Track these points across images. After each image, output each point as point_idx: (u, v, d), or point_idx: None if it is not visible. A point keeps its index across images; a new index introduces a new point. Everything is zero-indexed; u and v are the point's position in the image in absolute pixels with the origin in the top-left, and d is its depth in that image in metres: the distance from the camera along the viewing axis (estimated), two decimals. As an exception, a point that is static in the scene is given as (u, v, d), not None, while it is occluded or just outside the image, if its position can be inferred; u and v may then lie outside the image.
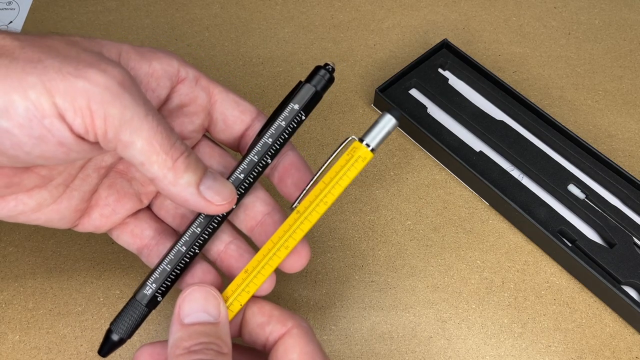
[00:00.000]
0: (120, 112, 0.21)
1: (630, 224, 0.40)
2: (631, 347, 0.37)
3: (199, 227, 0.27)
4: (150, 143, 0.22)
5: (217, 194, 0.24)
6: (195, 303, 0.25)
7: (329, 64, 0.27)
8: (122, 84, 0.21)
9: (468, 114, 0.45)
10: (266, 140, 0.27)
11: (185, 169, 0.23)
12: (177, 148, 0.23)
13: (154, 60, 0.25)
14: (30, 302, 0.37)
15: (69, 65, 0.20)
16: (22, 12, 0.53)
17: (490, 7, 0.55)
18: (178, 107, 0.27)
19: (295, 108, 0.27)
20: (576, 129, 0.46)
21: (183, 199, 0.24)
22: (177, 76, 0.26)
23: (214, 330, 0.25)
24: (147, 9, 0.53)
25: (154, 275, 0.27)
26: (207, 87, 0.27)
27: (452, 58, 0.48)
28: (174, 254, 0.27)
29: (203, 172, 0.24)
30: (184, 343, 0.24)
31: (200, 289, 0.26)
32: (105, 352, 0.27)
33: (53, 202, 0.26)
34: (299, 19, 0.53)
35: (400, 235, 0.41)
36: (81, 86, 0.20)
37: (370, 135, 0.26)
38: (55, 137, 0.21)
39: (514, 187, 0.42)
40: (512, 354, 0.36)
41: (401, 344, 0.36)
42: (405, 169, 0.44)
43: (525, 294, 0.38)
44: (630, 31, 0.53)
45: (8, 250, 0.39)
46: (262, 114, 0.29)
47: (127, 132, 0.21)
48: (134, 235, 0.29)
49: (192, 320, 0.25)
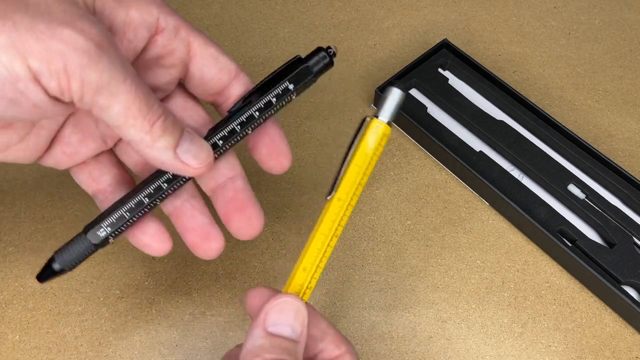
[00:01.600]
0: (98, 76, 0.20)
1: (630, 224, 0.40)
2: (631, 347, 0.37)
3: (166, 183, 0.26)
4: (128, 107, 0.21)
5: (194, 157, 0.24)
6: (285, 316, 0.25)
7: (330, 48, 0.27)
8: (100, 45, 0.20)
9: (468, 114, 0.45)
10: (253, 113, 0.26)
11: (162, 132, 0.23)
12: (154, 111, 0.22)
13: (131, 8, 0.24)
14: (30, 302, 0.37)
15: (41, 22, 0.19)
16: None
17: (490, 7, 0.55)
18: (154, 58, 0.26)
19: (289, 88, 0.26)
20: (576, 129, 0.46)
21: (160, 162, 0.24)
22: (155, 26, 0.25)
23: (294, 349, 0.24)
24: (147, 9, 0.53)
25: (110, 218, 0.26)
26: (187, 38, 0.26)
27: (452, 58, 0.48)
28: (134, 203, 0.26)
29: (180, 135, 0.24)
30: (265, 354, 0.23)
31: (294, 302, 0.25)
32: (43, 279, 0.27)
33: (20, 141, 0.25)
34: (299, 19, 0.53)
35: (400, 235, 0.41)
36: (57, 48, 0.19)
37: (383, 111, 0.26)
38: (30, 100, 0.20)
39: (514, 187, 0.42)
40: (512, 354, 0.36)
41: (401, 344, 0.36)
42: (405, 169, 0.44)
43: (525, 294, 0.38)
44: (630, 31, 0.53)
45: (8, 250, 0.39)
46: (242, 73, 0.28)
47: (103, 97, 0.21)
48: (91, 177, 0.29)
49: (277, 331, 0.24)
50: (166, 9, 0.25)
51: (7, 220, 0.40)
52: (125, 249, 0.39)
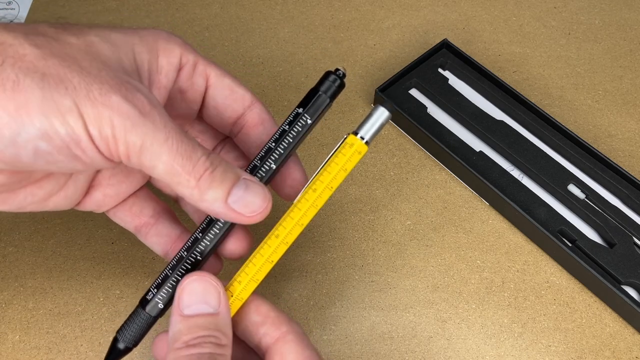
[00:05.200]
0: (140, 140, 0.21)
1: (630, 224, 0.40)
2: (631, 347, 0.37)
3: (201, 233, 0.26)
4: (171, 166, 0.22)
5: (245, 205, 0.24)
6: (195, 294, 0.25)
7: (339, 69, 0.27)
8: (142, 111, 0.22)
9: (468, 114, 0.45)
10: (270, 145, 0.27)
11: (209, 185, 0.23)
12: (200, 165, 0.23)
13: (160, 55, 0.26)
14: (30, 302, 0.37)
15: (94, 88, 0.21)
16: (22, 12, 0.53)
17: (490, 7, 0.55)
18: (178, 92, 0.28)
19: (299, 112, 0.27)
20: (576, 129, 0.46)
21: (213, 213, 0.24)
22: (179, 64, 0.27)
23: (214, 322, 0.25)
24: (147, 8, 0.53)
25: (156, 281, 0.27)
26: (204, 71, 0.27)
27: (452, 58, 0.48)
28: (176, 260, 0.26)
29: (232, 184, 0.24)
30: (183, 337, 0.24)
31: (199, 279, 0.25)
32: None
33: (60, 189, 0.26)
34: (299, 19, 0.53)
35: (400, 235, 0.41)
36: (107, 114, 0.21)
37: (363, 128, 0.26)
38: (88, 158, 0.22)
39: (514, 187, 0.42)
40: (512, 354, 0.36)
41: (401, 344, 0.36)
42: (405, 169, 0.44)
43: (525, 294, 0.38)
44: (630, 31, 0.53)
45: (8, 250, 0.39)
46: (258, 101, 0.29)
47: (147, 158, 0.22)
48: (132, 213, 0.29)
49: (192, 311, 0.25)
50: (185, 46, 0.27)
51: (7, 220, 0.40)
52: (125, 249, 0.39)
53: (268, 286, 0.38)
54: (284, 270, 0.39)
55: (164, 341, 0.27)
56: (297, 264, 0.39)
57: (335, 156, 0.26)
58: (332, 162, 0.26)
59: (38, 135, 0.20)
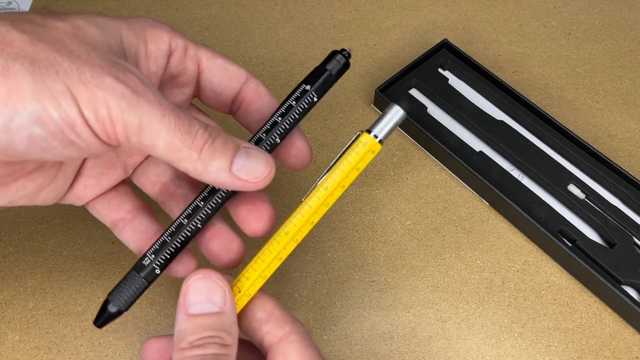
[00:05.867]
0: (138, 119, 0.21)
1: (630, 224, 0.40)
2: (631, 347, 0.37)
3: (202, 201, 0.26)
4: (172, 142, 0.22)
5: (249, 172, 0.24)
6: (200, 292, 0.25)
7: (345, 50, 0.27)
8: (135, 90, 0.22)
9: (468, 114, 0.45)
10: (276, 119, 0.27)
11: (211, 156, 0.23)
12: (199, 138, 0.23)
13: (148, 42, 0.26)
14: (30, 302, 0.37)
15: (85, 71, 0.21)
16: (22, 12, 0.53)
17: (490, 7, 0.55)
18: (169, 78, 0.27)
19: (307, 89, 0.27)
20: (576, 129, 0.46)
21: (220, 184, 0.24)
22: (169, 50, 0.26)
23: (219, 322, 0.24)
24: (147, 8, 0.53)
25: (153, 246, 0.26)
26: (195, 55, 0.27)
27: (452, 58, 0.48)
28: (175, 226, 0.26)
29: (233, 152, 0.24)
30: (188, 337, 0.24)
31: (205, 277, 0.25)
32: (101, 323, 0.27)
33: (51, 182, 0.26)
34: (299, 19, 0.53)
35: (400, 235, 0.41)
36: (101, 96, 0.21)
37: (378, 126, 0.26)
38: (84, 142, 0.21)
39: (514, 187, 0.42)
40: (512, 354, 0.36)
41: (401, 344, 0.36)
42: (405, 169, 0.44)
43: (525, 294, 0.38)
44: (630, 31, 0.53)
45: (8, 250, 0.39)
46: (252, 77, 0.29)
47: (147, 137, 0.22)
48: (110, 206, 0.29)
49: (198, 310, 0.25)
50: (174, 32, 0.27)
51: (7, 221, 0.40)
52: (125, 249, 0.39)
53: (268, 286, 0.38)
54: (284, 270, 0.39)
55: (153, 347, 0.27)
56: (297, 264, 0.39)
57: (348, 154, 0.26)
58: (344, 159, 0.26)
59: (32, 120, 0.20)
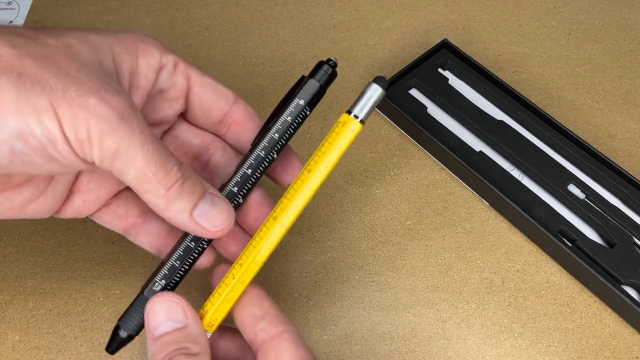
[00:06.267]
0: (116, 144, 0.21)
1: (630, 224, 0.40)
2: (631, 347, 0.37)
3: (193, 242, 0.27)
4: (143, 172, 0.22)
5: (209, 220, 0.24)
6: (159, 315, 0.25)
7: (331, 59, 0.27)
8: (121, 114, 0.21)
9: (468, 114, 0.45)
10: (273, 136, 0.27)
11: (177, 196, 0.23)
12: (172, 175, 0.23)
13: (139, 56, 0.26)
14: (30, 302, 0.37)
15: (71, 89, 0.21)
16: (22, 12, 0.53)
17: (490, 7, 0.55)
18: (158, 92, 0.27)
19: (300, 103, 0.27)
20: (576, 129, 0.46)
21: (176, 224, 0.24)
22: (159, 65, 0.27)
23: (183, 335, 0.25)
24: (147, 8, 0.53)
25: (162, 271, 0.27)
26: (185, 71, 0.28)
27: (452, 58, 0.48)
28: (182, 250, 0.27)
29: (199, 197, 0.24)
30: (156, 357, 0.24)
31: (160, 300, 0.26)
32: (113, 350, 0.27)
33: (39, 195, 0.26)
34: (299, 19, 0.53)
35: (400, 235, 0.41)
36: (83, 116, 0.20)
37: (357, 106, 0.26)
38: (65, 159, 0.21)
39: (514, 187, 0.42)
40: (512, 354, 0.36)
41: (401, 344, 0.36)
42: (405, 169, 0.44)
43: (525, 294, 0.38)
44: (630, 31, 0.53)
45: (8, 250, 0.39)
46: (240, 99, 0.29)
47: (120, 162, 0.22)
48: (118, 215, 0.29)
49: (160, 332, 0.25)
50: (165, 48, 0.27)
51: (7, 221, 0.40)
52: (125, 249, 0.39)
53: (268, 286, 0.38)
54: (284, 270, 0.39)
55: None
56: (297, 264, 0.39)
57: (329, 136, 0.26)
58: (325, 142, 0.26)
59: (13, 136, 0.20)
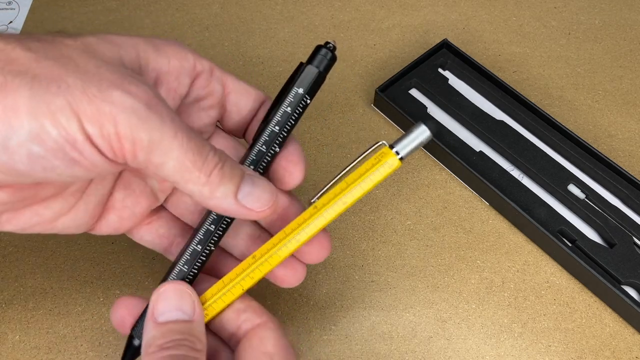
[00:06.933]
0: (148, 136, 0.20)
1: (630, 224, 0.40)
2: (631, 347, 0.37)
3: (213, 224, 0.26)
4: (182, 162, 0.21)
5: (256, 200, 0.23)
6: (170, 301, 0.25)
7: (329, 42, 0.26)
8: (148, 104, 0.21)
9: (468, 114, 0.45)
10: (273, 129, 0.26)
11: (220, 181, 0.22)
12: (209, 161, 0.22)
13: (171, 57, 0.25)
14: (30, 302, 0.37)
15: (92, 85, 0.20)
16: (22, 12, 0.53)
17: (490, 7, 0.55)
18: (195, 100, 0.27)
19: (300, 92, 0.26)
20: (576, 129, 0.46)
21: (224, 210, 0.23)
22: (194, 71, 0.26)
23: (188, 328, 0.24)
24: (147, 8, 0.53)
25: (171, 276, 0.27)
26: (221, 77, 0.27)
27: (452, 58, 0.48)
28: (189, 254, 0.26)
29: (240, 179, 0.23)
30: (157, 341, 0.24)
31: (174, 286, 0.25)
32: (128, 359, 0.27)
33: (69, 211, 0.25)
34: (299, 19, 0.53)
35: (400, 235, 0.41)
36: (107, 110, 0.20)
37: (401, 143, 0.25)
38: (87, 160, 0.21)
39: (514, 187, 0.42)
40: (512, 354, 0.36)
41: (401, 344, 0.36)
42: (405, 169, 0.44)
43: (525, 294, 0.38)
44: (630, 31, 0.53)
45: (8, 250, 0.39)
46: (269, 99, 0.28)
47: (157, 154, 0.21)
48: (159, 234, 0.29)
49: (166, 318, 0.24)
50: (198, 54, 0.26)
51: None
52: (125, 249, 0.39)
53: (268, 286, 0.38)
54: (284, 270, 0.39)
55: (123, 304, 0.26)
56: (297, 264, 0.39)
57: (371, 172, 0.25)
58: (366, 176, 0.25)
59: (29, 139, 0.19)
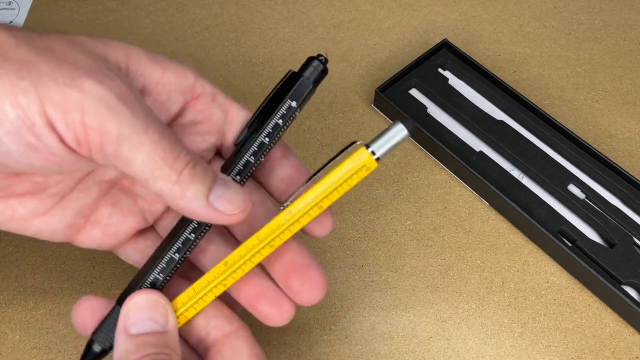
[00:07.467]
0: (117, 128, 0.19)
1: (630, 224, 0.40)
2: (631, 347, 0.37)
3: (193, 233, 0.25)
4: (152, 158, 0.20)
5: (229, 202, 0.22)
6: (142, 312, 0.24)
7: (321, 55, 0.25)
8: (121, 96, 0.20)
9: (468, 114, 0.45)
10: (263, 140, 0.25)
11: (190, 180, 0.21)
12: (181, 159, 0.21)
13: (168, 70, 0.24)
14: (30, 302, 0.37)
15: (63, 72, 0.19)
16: (22, 12, 0.53)
17: (490, 7, 0.55)
18: (190, 123, 0.26)
19: (293, 106, 0.25)
20: (576, 129, 0.46)
21: (193, 212, 0.22)
22: (192, 91, 0.25)
23: (163, 340, 0.23)
24: (147, 8, 0.53)
25: (144, 283, 0.25)
26: (224, 104, 0.26)
27: (452, 58, 0.48)
28: (166, 262, 0.25)
29: (212, 181, 0.22)
30: (131, 356, 0.22)
31: (146, 295, 0.24)
32: None
33: (44, 213, 0.24)
34: (299, 19, 0.53)
35: (400, 235, 0.41)
36: (75, 97, 0.19)
37: (377, 143, 0.24)
38: (46, 147, 0.20)
39: (514, 187, 0.42)
40: (512, 354, 0.36)
41: (401, 344, 0.36)
42: (405, 169, 0.44)
43: (525, 294, 0.38)
44: (630, 31, 0.53)
45: (8, 250, 0.39)
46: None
47: (126, 149, 0.20)
48: (146, 255, 0.27)
49: (139, 330, 0.23)
50: (202, 76, 0.25)
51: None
52: (125, 249, 0.39)
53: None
54: (284, 270, 0.39)
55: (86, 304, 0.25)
56: (297, 264, 0.39)
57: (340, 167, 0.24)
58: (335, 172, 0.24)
59: None
